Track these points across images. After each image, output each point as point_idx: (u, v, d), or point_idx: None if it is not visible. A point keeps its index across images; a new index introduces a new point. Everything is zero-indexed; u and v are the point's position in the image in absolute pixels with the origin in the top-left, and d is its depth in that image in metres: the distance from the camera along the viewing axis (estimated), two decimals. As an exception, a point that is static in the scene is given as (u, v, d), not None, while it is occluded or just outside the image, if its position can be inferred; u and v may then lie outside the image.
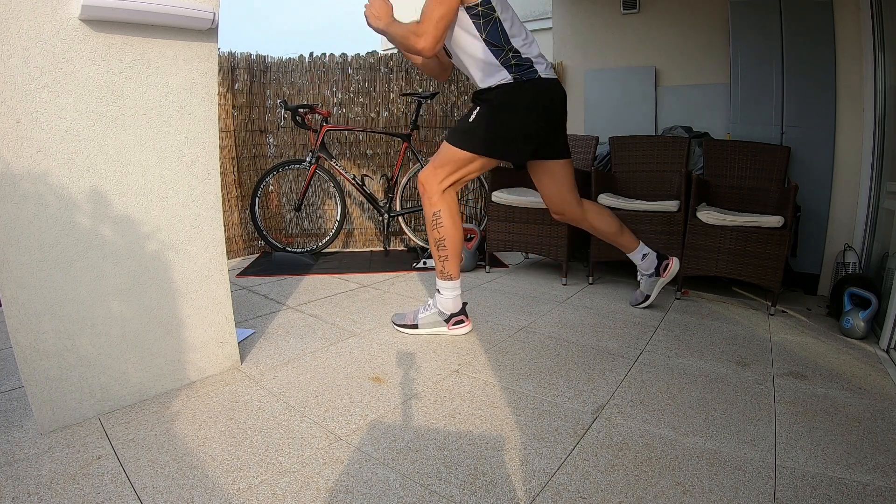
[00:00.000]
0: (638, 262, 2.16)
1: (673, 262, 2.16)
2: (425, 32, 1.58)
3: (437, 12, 1.57)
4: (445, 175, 1.76)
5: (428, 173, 1.77)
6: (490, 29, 1.64)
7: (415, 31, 1.60)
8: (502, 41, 1.65)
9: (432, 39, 1.59)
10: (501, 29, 1.65)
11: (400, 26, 1.66)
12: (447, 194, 1.78)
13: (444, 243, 1.79)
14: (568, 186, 1.92)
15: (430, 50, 1.61)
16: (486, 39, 1.65)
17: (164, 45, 1.30)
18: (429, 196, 1.77)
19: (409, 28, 1.62)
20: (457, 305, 1.86)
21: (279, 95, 3.41)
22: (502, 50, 1.66)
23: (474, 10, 1.63)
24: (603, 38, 3.52)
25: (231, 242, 3.26)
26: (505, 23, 1.66)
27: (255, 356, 1.67)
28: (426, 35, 1.58)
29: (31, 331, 1.16)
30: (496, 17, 1.64)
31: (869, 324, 1.91)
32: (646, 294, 2.20)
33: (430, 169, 1.78)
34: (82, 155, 1.19)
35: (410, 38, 1.61)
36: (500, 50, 1.66)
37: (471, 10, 1.63)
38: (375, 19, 1.71)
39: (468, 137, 1.73)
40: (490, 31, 1.65)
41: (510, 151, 1.78)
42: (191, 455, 1.12)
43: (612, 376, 1.55)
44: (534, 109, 1.71)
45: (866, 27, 2.40)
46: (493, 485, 1.03)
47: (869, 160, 2.42)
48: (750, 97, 2.86)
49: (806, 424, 1.28)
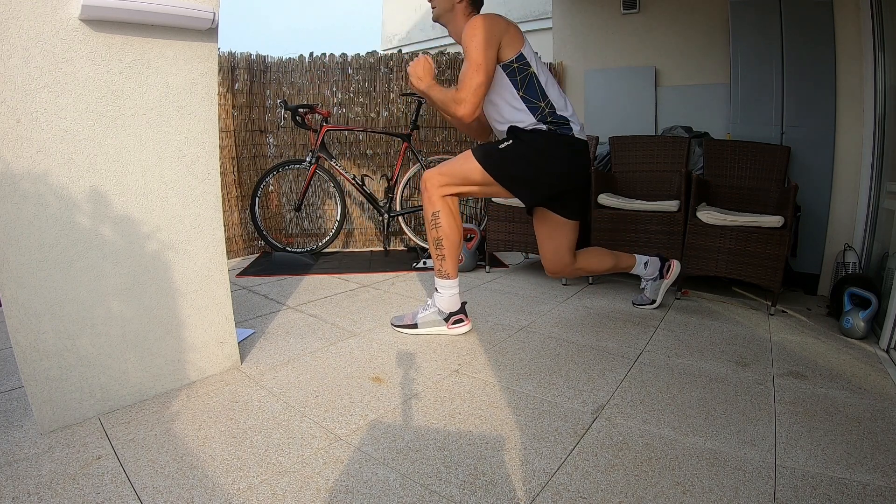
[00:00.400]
0: (641, 273, 2.18)
1: (675, 265, 2.18)
2: (464, 100, 1.62)
3: (475, 80, 1.61)
4: (450, 184, 1.76)
5: (433, 176, 1.77)
6: (527, 85, 1.69)
7: (454, 98, 1.64)
8: (539, 97, 1.69)
9: (471, 107, 1.63)
10: (538, 83, 1.69)
11: (440, 91, 1.70)
12: (447, 197, 1.79)
13: (442, 243, 1.79)
14: (567, 246, 1.91)
15: (470, 117, 1.66)
16: (523, 96, 1.69)
17: (164, 45, 1.30)
18: (429, 196, 1.78)
19: (449, 95, 1.67)
20: (455, 304, 1.86)
21: (279, 95, 3.41)
22: (538, 106, 1.70)
23: (510, 68, 1.67)
24: (603, 38, 3.52)
25: (231, 242, 3.26)
26: (540, 77, 1.70)
27: (255, 356, 1.67)
28: (465, 103, 1.63)
29: (31, 331, 1.16)
30: (532, 72, 1.68)
31: (869, 324, 1.91)
32: (651, 298, 2.21)
33: (437, 174, 1.77)
34: (82, 155, 1.19)
35: (450, 105, 1.66)
36: (537, 107, 1.70)
37: (507, 68, 1.67)
38: (418, 80, 1.73)
39: (493, 162, 1.73)
40: (527, 87, 1.69)
41: (525, 191, 1.78)
42: (191, 455, 1.12)
43: (612, 376, 1.55)
44: (563, 162, 1.74)
45: (866, 27, 2.40)
46: (493, 485, 1.03)
47: (869, 160, 2.42)
48: (750, 97, 2.86)
49: (806, 424, 1.28)
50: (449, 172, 1.76)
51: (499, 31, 1.64)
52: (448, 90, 1.69)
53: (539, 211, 1.91)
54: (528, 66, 1.68)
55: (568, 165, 1.75)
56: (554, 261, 1.94)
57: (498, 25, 1.64)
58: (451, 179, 1.76)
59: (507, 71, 1.68)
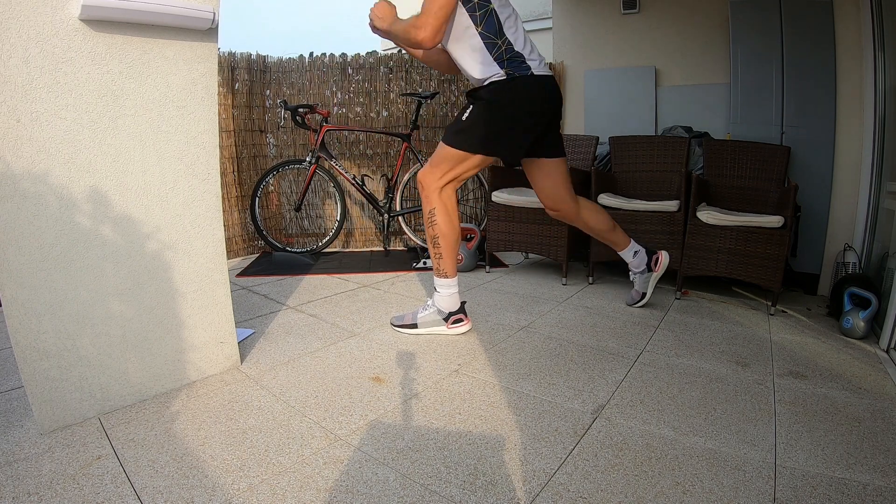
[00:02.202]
0: (629, 260, 2.18)
1: (662, 256, 2.18)
2: (424, 24, 1.59)
3: (436, 3, 1.58)
4: (442, 173, 1.77)
5: (426, 172, 1.80)
6: (486, 21, 1.66)
7: (414, 23, 1.61)
8: (497, 33, 1.66)
9: (432, 30, 1.59)
10: (497, 20, 1.66)
11: (401, 22, 1.68)
12: (444, 192, 1.79)
13: (439, 241, 1.80)
14: (563, 183, 1.93)
15: (431, 40, 1.61)
16: (481, 31, 1.66)
17: (165, 45, 1.30)
18: (426, 194, 1.79)
19: (409, 22, 1.64)
20: (455, 304, 1.86)
21: (279, 95, 3.41)
22: (496, 43, 1.67)
23: (470, 3, 1.65)
24: (603, 38, 3.52)
25: (231, 242, 3.26)
26: (501, 15, 1.67)
27: (255, 356, 1.67)
28: (426, 26, 1.59)
29: (31, 331, 1.16)
30: (492, 8, 1.66)
31: (869, 324, 1.91)
32: (641, 292, 2.21)
33: (428, 168, 1.80)
34: (82, 155, 1.19)
35: (411, 31, 1.62)
36: (494, 44, 1.67)
37: (467, 3, 1.65)
38: (379, 20, 1.72)
39: (462, 137, 1.74)
40: (486, 23, 1.66)
41: (504, 149, 1.77)
42: (191, 455, 1.12)
43: (612, 376, 1.55)
44: (526, 106, 1.71)
45: (866, 27, 2.40)
46: (493, 485, 1.03)
47: (869, 160, 2.42)
48: (750, 97, 2.86)
49: (806, 424, 1.28)
50: (437, 161, 1.78)
51: None
52: (410, 18, 1.65)
53: (526, 160, 1.90)
54: (488, 3, 1.65)
55: (535, 106, 1.73)
56: (552, 197, 1.95)
57: None
58: (441, 169, 1.77)
59: (466, 6, 1.64)
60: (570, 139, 3.08)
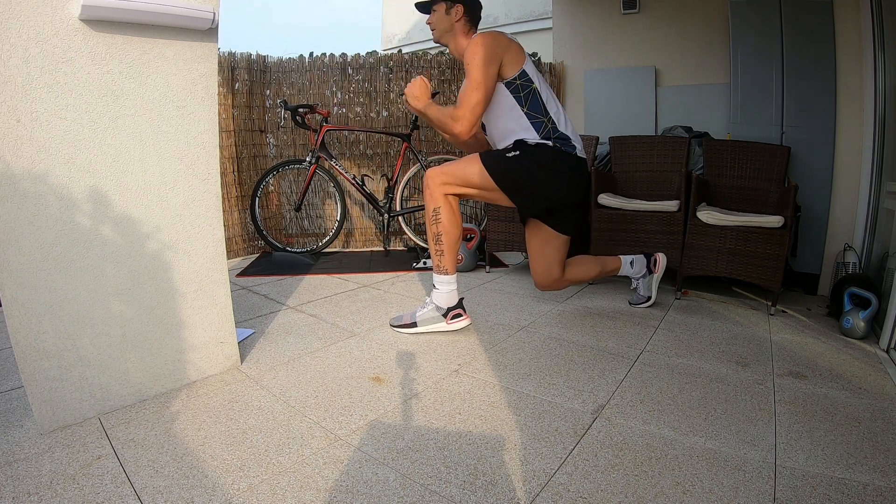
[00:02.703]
0: (629, 273, 2.19)
1: (660, 257, 2.21)
2: (462, 118, 1.64)
3: (474, 98, 1.63)
4: (451, 184, 1.78)
5: (436, 175, 1.79)
6: (531, 101, 1.70)
7: (452, 115, 1.66)
8: (542, 112, 1.71)
9: (468, 124, 1.66)
10: (541, 101, 1.71)
11: (437, 110, 1.72)
12: (449, 196, 1.80)
13: (442, 238, 1.80)
14: (557, 260, 1.91)
15: (466, 134, 1.68)
16: (527, 112, 1.71)
17: (165, 45, 1.30)
18: (430, 193, 1.80)
19: (446, 112, 1.69)
20: (454, 300, 1.87)
21: (279, 95, 3.41)
22: (542, 122, 1.72)
23: (513, 84, 1.69)
24: (603, 38, 3.52)
25: (231, 242, 3.26)
26: (542, 94, 1.71)
27: (255, 356, 1.67)
28: (463, 120, 1.65)
29: (31, 331, 1.16)
30: (534, 88, 1.70)
31: (869, 324, 1.91)
32: (646, 296, 2.22)
33: (440, 172, 1.79)
34: (82, 155, 1.19)
35: (448, 122, 1.68)
36: (540, 122, 1.72)
37: (510, 85, 1.69)
38: (415, 100, 1.76)
39: (499, 167, 1.75)
40: (531, 104, 1.71)
41: (525, 201, 1.80)
42: (191, 455, 1.12)
43: (612, 376, 1.55)
44: (563, 179, 1.75)
45: (866, 27, 2.40)
46: (493, 485, 1.03)
47: (869, 160, 2.42)
48: (750, 97, 2.86)
49: (806, 424, 1.28)
50: (452, 173, 1.78)
51: (500, 49, 1.66)
52: (445, 108, 1.71)
53: (533, 222, 1.91)
54: (531, 83, 1.70)
55: (568, 183, 1.77)
56: (544, 275, 1.94)
57: (500, 44, 1.66)
58: (453, 179, 1.77)
59: (510, 88, 1.70)
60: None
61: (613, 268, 2.13)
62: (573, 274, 2.00)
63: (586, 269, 2.05)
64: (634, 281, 2.23)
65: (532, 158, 1.73)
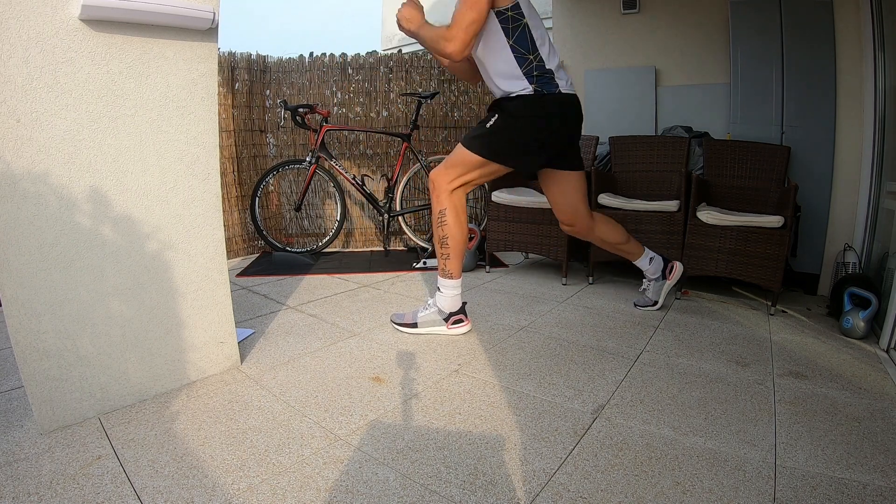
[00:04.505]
0: (645, 268, 2.16)
1: (677, 266, 2.17)
2: (454, 37, 1.59)
3: (467, 17, 1.59)
4: (455, 176, 1.77)
5: (439, 172, 1.79)
6: (518, 35, 1.66)
7: (444, 35, 1.61)
8: (529, 48, 1.67)
9: (461, 44, 1.60)
10: (529, 35, 1.67)
11: (430, 30, 1.67)
12: (455, 194, 1.79)
13: (447, 242, 1.80)
14: (580, 198, 1.91)
15: (459, 54, 1.62)
16: (512, 45, 1.66)
17: (165, 45, 1.30)
18: (437, 194, 1.79)
19: (439, 32, 1.64)
20: (456, 304, 1.86)
21: (279, 95, 3.41)
22: (527, 58, 1.67)
23: (504, 15, 1.64)
24: (603, 38, 3.52)
25: (231, 242, 3.26)
26: (534, 32, 1.67)
27: (255, 356, 1.67)
28: (455, 39, 1.59)
29: (31, 331, 1.16)
30: (525, 22, 1.66)
31: (869, 324, 1.91)
32: (654, 300, 2.20)
33: (442, 168, 1.79)
34: (82, 155, 1.19)
35: (440, 42, 1.62)
36: (525, 58, 1.67)
37: (500, 15, 1.65)
38: (407, 21, 1.73)
39: (483, 142, 1.74)
40: (518, 37, 1.66)
41: (522, 161, 1.78)
42: (191, 455, 1.12)
43: (612, 376, 1.55)
44: (551, 122, 1.72)
45: (866, 27, 2.40)
46: (493, 485, 1.03)
47: (869, 160, 2.42)
48: (750, 97, 2.86)
49: (806, 424, 1.28)
50: (452, 164, 1.78)
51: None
52: (438, 28, 1.66)
53: (543, 172, 1.90)
54: (522, 17, 1.65)
55: (558, 124, 1.73)
56: (569, 212, 1.93)
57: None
58: (454, 171, 1.77)
59: (500, 18, 1.64)
60: (570, 139, 3.07)
61: (636, 251, 2.12)
62: (603, 227, 2.01)
63: (615, 230, 2.05)
64: (646, 281, 2.21)
65: (513, 116, 1.70)
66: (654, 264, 2.16)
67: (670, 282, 2.17)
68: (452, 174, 1.77)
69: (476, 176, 1.79)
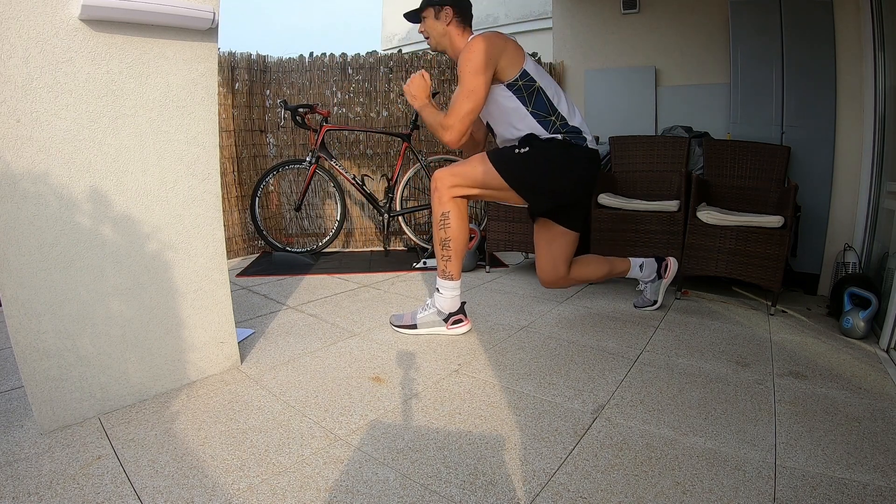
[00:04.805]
0: (638, 275, 2.15)
1: (671, 262, 2.17)
2: (451, 126, 1.65)
3: (464, 107, 1.63)
4: (462, 185, 1.76)
5: (445, 176, 1.76)
6: (535, 100, 1.69)
7: (442, 123, 1.67)
8: (549, 110, 1.70)
9: (457, 134, 1.66)
10: (546, 98, 1.70)
11: (432, 114, 1.73)
12: (458, 199, 1.78)
13: (450, 244, 1.79)
14: (564, 258, 1.90)
15: (456, 143, 1.69)
16: (532, 111, 1.69)
17: (165, 44, 1.30)
18: (439, 196, 1.77)
19: (438, 119, 1.70)
20: (455, 305, 1.86)
21: (279, 95, 3.42)
22: (549, 120, 1.70)
23: (515, 86, 1.67)
24: (603, 38, 3.52)
25: (231, 242, 3.26)
26: (547, 91, 1.70)
27: (255, 356, 1.67)
28: (452, 129, 1.65)
29: (31, 331, 1.16)
30: (538, 86, 1.68)
31: (869, 324, 1.91)
32: (653, 300, 2.20)
33: (449, 174, 1.76)
34: (82, 155, 1.19)
35: (438, 129, 1.70)
36: (547, 120, 1.70)
37: (512, 87, 1.67)
38: (412, 98, 1.78)
39: (509, 166, 1.73)
40: (535, 103, 1.69)
41: (537, 199, 1.79)
42: (191, 455, 1.12)
43: (612, 376, 1.55)
44: (577, 174, 1.75)
45: (866, 27, 2.40)
46: (493, 485, 1.03)
47: (869, 160, 2.42)
48: (750, 97, 2.86)
49: (806, 424, 1.28)
50: (461, 174, 1.76)
51: (496, 52, 1.63)
52: (439, 113, 1.72)
53: (542, 219, 1.90)
54: (534, 82, 1.68)
55: (581, 176, 1.76)
56: (549, 271, 1.92)
57: (495, 46, 1.63)
58: (463, 181, 1.75)
59: (513, 90, 1.68)
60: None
61: (622, 269, 2.11)
62: (579, 273, 1.98)
63: (594, 268, 2.03)
64: (642, 283, 2.21)
65: (543, 154, 1.71)
66: (646, 269, 2.14)
67: (667, 280, 2.17)
68: (459, 182, 1.75)
69: (482, 194, 1.80)
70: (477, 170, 1.75)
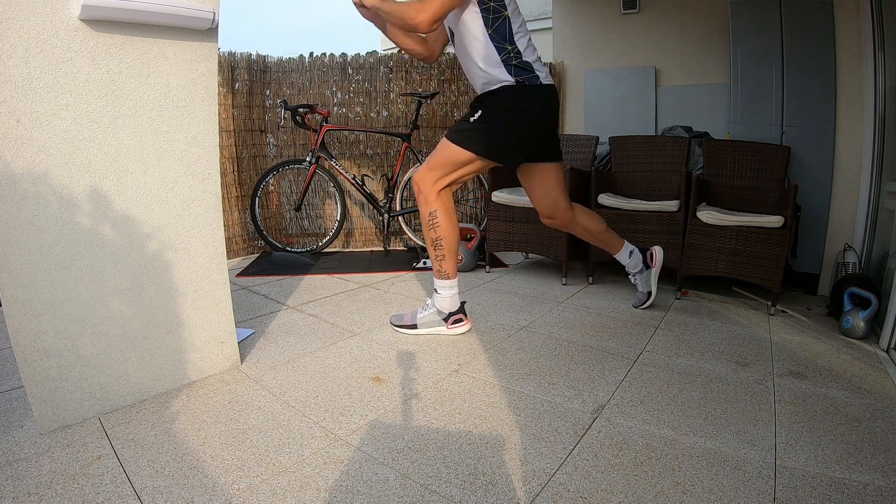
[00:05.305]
0: (626, 262, 2.19)
1: (656, 251, 2.19)
2: (427, 8, 1.56)
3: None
4: (441, 175, 1.76)
5: (423, 174, 1.77)
6: (497, 25, 1.66)
7: (416, 6, 1.58)
8: (507, 38, 1.67)
9: (431, 16, 1.57)
10: (508, 27, 1.67)
11: (393, 4, 1.63)
12: (442, 194, 1.78)
13: (441, 243, 1.79)
14: (560, 189, 1.92)
15: (427, 25, 1.58)
16: (491, 34, 1.66)
17: (165, 44, 1.30)
18: (424, 196, 1.77)
19: (409, 4, 1.61)
20: (455, 304, 1.86)
21: (279, 95, 3.41)
22: (504, 48, 1.67)
23: (486, 5, 1.65)
24: (603, 38, 3.52)
25: (231, 242, 3.26)
26: (514, 24, 1.68)
27: (255, 356, 1.67)
28: (427, 11, 1.56)
29: (31, 331, 1.16)
30: (506, 14, 1.66)
31: (869, 324, 1.91)
32: (646, 291, 2.21)
33: (425, 170, 1.77)
34: (82, 155, 1.19)
35: (410, 12, 1.58)
36: (503, 48, 1.67)
37: (482, 4, 1.65)
38: None
39: (469, 137, 1.73)
40: (497, 27, 1.67)
41: (508, 154, 1.78)
42: (191, 455, 1.12)
43: (612, 376, 1.55)
44: (534, 115, 1.73)
45: (866, 27, 2.40)
46: (493, 485, 1.03)
47: (869, 160, 2.42)
48: (750, 97, 2.86)
49: (806, 424, 1.28)
50: (435, 163, 1.76)
51: None
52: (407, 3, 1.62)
53: (523, 166, 1.90)
54: (504, 9, 1.66)
55: (538, 115, 1.74)
56: (549, 205, 1.94)
57: None
58: (439, 169, 1.76)
59: (482, 7, 1.65)
60: (570, 139, 3.08)
61: (615, 242, 2.14)
62: (583, 219, 2.03)
63: (595, 221, 2.07)
64: (631, 277, 2.22)
65: (495, 108, 1.71)
66: (633, 258, 2.18)
67: (655, 269, 2.19)
68: (437, 174, 1.75)
69: (462, 174, 1.78)
70: (445, 152, 1.75)
